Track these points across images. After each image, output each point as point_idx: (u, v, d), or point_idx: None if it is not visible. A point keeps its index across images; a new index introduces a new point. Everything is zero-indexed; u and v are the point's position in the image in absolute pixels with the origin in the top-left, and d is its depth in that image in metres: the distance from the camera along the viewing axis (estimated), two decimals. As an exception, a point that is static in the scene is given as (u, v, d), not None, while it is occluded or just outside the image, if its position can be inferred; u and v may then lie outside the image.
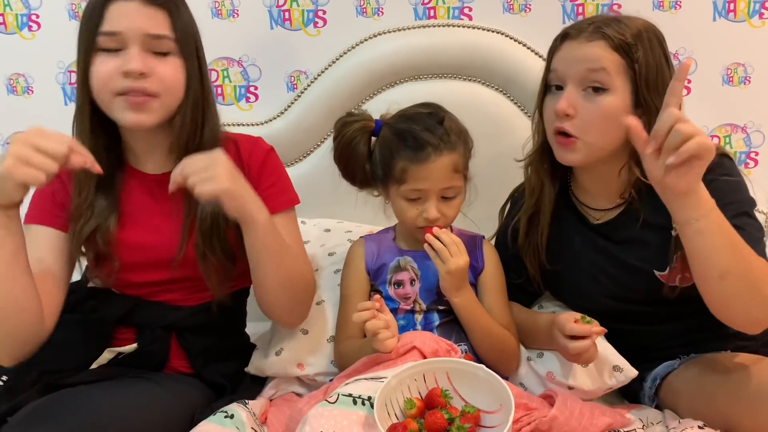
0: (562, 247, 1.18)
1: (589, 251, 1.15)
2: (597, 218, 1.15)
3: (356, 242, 1.25)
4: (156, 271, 1.09)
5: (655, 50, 1.04)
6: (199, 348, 1.12)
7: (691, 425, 0.98)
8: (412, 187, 1.10)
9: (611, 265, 1.13)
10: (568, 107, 1.04)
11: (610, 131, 1.04)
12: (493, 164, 1.45)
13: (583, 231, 1.16)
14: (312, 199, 1.52)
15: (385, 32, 1.49)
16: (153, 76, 1.01)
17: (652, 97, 1.02)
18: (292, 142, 1.53)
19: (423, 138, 1.09)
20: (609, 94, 1.02)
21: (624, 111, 1.02)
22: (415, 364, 0.94)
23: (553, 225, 1.18)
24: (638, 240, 1.10)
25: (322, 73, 1.51)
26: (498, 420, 0.89)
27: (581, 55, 1.03)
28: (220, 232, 1.07)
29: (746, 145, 1.62)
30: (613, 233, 1.13)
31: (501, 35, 1.49)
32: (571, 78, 1.04)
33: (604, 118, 1.03)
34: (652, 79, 1.02)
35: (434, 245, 1.07)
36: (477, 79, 1.50)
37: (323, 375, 1.19)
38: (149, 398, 0.99)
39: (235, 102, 1.58)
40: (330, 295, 1.27)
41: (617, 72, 1.02)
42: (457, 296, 1.10)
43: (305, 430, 0.86)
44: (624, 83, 1.02)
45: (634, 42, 1.02)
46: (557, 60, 1.07)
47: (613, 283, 1.13)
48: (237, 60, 1.55)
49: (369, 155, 1.17)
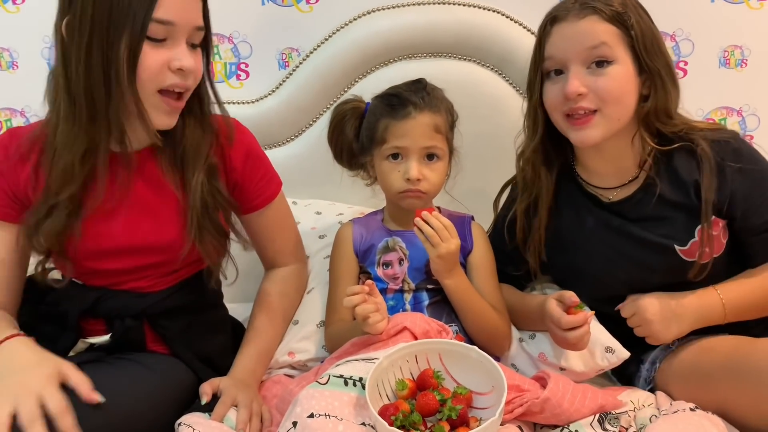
0: (572, 235, 1.16)
1: (603, 232, 1.13)
2: (609, 197, 1.13)
3: (344, 225, 1.25)
4: (129, 258, 1.04)
5: (642, 14, 1.04)
6: (175, 331, 1.08)
7: (682, 407, 0.99)
8: (393, 144, 1.11)
9: (629, 243, 1.10)
10: (580, 87, 1.03)
11: (624, 99, 1.04)
12: (488, 144, 1.46)
13: (596, 212, 1.14)
14: (304, 179, 1.51)
15: (380, 9, 1.47)
16: (194, 73, 0.96)
17: (653, 60, 1.03)
18: (283, 120, 1.51)
19: (405, 96, 1.13)
20: (615, 65, 1.03)
21: (632, 77, 1.03)
22: (406, 345, 0.94)
23: (558, 214, 1.17)
24: (657, 216, 1.08)
25: (315, 50, 1.49)
26: (490, 401, 0.89)
27: (577, 34, 1.02)
28: (209, 211, 1.04)
29: (741, 128, 1.61)
30: (628, 211, 1.11)
31: (497, 14, 1.47)
32: (573, 59, 1.03)
33: (617, 87, 1.03)
34: (648, 43, 1.03)
35: (424, 230, 1.07)
36: (472, 58, 1.48)
37: (314, 361, 1.18)
38: (135, 381, 0.97)
39: (225, 79, 1.55)
40: (319, 282, 1.26)
41: (617, 42, 1.02)
42: (448, 278, 1.10)
43: (296, 412, 0.86)
44: (625, 52, 1.03)
45: (624, 10, 1.02)
46: (551, 46, 1.06)
47: (631, 263, 1.10)
48: (227, 36, 1.52)
49: (357, 135, 1.19)
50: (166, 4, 0.90)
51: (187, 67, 0.94)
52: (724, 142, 1.05)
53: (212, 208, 1.04)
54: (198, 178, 1.02)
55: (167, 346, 1.08)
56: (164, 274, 1.07)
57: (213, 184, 1.05)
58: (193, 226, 1.02)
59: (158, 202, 1.05)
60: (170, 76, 0.94)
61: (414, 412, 0.86)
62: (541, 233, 1.17)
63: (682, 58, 1.54)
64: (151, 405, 0.96)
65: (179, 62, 0.93)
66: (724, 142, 1.05)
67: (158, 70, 0.92)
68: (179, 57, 0.93)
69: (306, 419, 0.84)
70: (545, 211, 1.16)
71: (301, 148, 1.52)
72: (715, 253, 1.07)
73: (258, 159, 1.14)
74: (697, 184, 1.05)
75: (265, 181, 1.15)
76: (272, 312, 1.18)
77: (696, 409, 0.97)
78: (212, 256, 1.06)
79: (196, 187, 1.02)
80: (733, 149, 1.05)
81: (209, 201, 1.04)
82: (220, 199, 1.06)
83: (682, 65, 1.55)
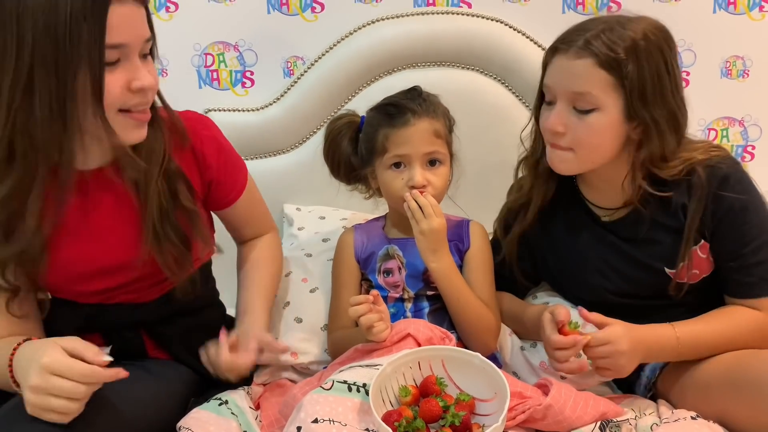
0: (567, 242, 1.17)
1: (597, 246, 1.14)
2: (604, 216, 1.14)
3: (346, 231, 1.25)
4: (108, 279, 1.00)
5: (653, 60, 0.99)
6: (174, 337, 1.08)
7: (684, 415, 0.99)
8: (394, 152, 1.11)
9: (620, 260, 1.12)
10: (557, 125, 1.03)
11: (601, 146, 1.03)
12: (491, 153, 1.46)
13: (592, 227, 1.15)
14: (307, 186, 1.52)
15: (384, 19, 1.48)
16: (154, 88, 0.91)
17: (648, 109, 1.00)
18: (288, 128, 1.52)
19: (402, 104, 1.13)
20: (598, 113, 1.01)
21: (615, 125, 1.01)
22: (410, 352, 0.94)
23: (555, 222, 1.17)
24: (648, 239, 1.09)
25: (319, 59, 1.50)
26: (493, 408, 0.90)
27: (568, 75, 1.01)
28: (170, 217, 0.98)
29: (743, 138, 1.62)
30: (622, 231, 1.12)
31: (501, 24, 1.48)
32: (560, 96, 1.03)
33: (594, 135, 1.02)
34: (648, 92, 0.99)
35: (410, 205, 1.08)
36: (475, 67, 1.49)
37: (317, 364, 1.19)
38: (139, 387, 0.97)
39: (230, 87, 1.56)
40: (322, 284, 1.26)
41: (605, 89, 0.99)
42: (433, 260, 1.10)
43: (300, 417, 0.86)
44: (614, 99, 1.00)
45: (625, 57, 0.98)
46: (548, 75, 1.06)
47: (621, 279, 1.12)
48: (233, 45, 1.53)
49: (355, 149, 1.19)
50: (116, 28, 0.83)
51: (147, 86, 0.88)
52: (717, 167, 1.04)
53: (172, 214, 0.99)
54: (153, 184, 0.96)
55: (168, 352, 1.08)
56: (152, 285, 1.04)
57: (174, 189, 0.99)
58: (149, 235, 0.97)
59: (121, 218, 0.99)
60: (131, 97, 0.88)
61: (417, 418, 0.87)
62: (519, 233, 1.18)
63: (684, 69, 1.55)
64: (157, 408, 0.97)
65: (139, 83, 0.87)
66: (717, 167, 1.04)
67: (119, 93, 0.87)
68: (138, 77, 0.87)
69: (310, 424, 0.84)
70: (532, 215, 1.17)
71: (305, 156, 1.53)
72: (704, 274, 1.08)
73: (228, 150, 1.10)
74: (685, 207, 1.05)
75: (236, 170, 1.12)
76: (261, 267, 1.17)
77: (697, 418, 0.98)
78: (171, 267, 1.00)
79: (153, 194, 0.96)
80: (722, 176, 1.03)
81: (168, 207, 0.98)
82: (187, 203, 1.00)
83: (684, 75, 1.56)
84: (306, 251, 1.35)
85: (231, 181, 1.10)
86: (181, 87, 1.52)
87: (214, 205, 1.12)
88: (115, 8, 0.83)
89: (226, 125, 1.46)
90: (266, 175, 1.48)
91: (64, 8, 0.80)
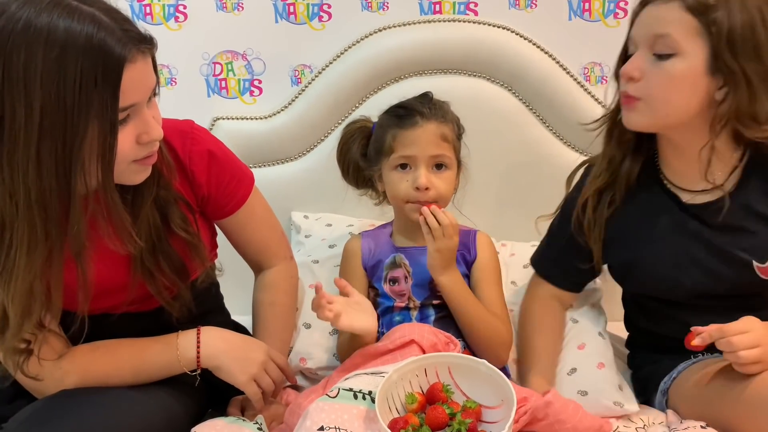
0: (641, 232, 1.09)
1: (676, 235, 1.05)
2: (690, 199, 1.05)
3: (353, 238, 1.25)
4: (103, 300, 0.96)
5: (747, 11, 0.93)
6: None
7: (693, 425, 0.98)
8: (400, 153, 1.12)
9: (704, 251, 1.03)
10: (632, 70, 0.98)
11: (675, 98, 0.97)
12: (498, 160, 1.46)
13: (673, 211, 1.06)
14: (315, 194, 1.52)
15: (390, 27, 1.49)
16: (161, 135, 0.88)
17: (738, 61, 0.92)
18: (295, 136, 1.52)
19: (411, 106, 1.14)
20: (676, 59, 0.95)
21: (695, 76, 0.95)
22: (416, 359, 0.94)
23: (630, 205, 1.10)
24: (740, 227, 1.00)
25: (327, 67, 1.51)
26: (499, 415, 0.89)
27: (653, 18, 0.97)
28: (163, 246, 0.95)
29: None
30: (709, 217, 1.02)
31: (507, 31, 1.48)
32: (641, 42, 0.99)
33: (668, 83, 0.96)
34: (738, 42, 0.92)
35: (430, 222, 1.08)
36: (482, 74, 1.49)
37: (325, 369, 1.19)
38: (150, 396, 0.96)
39: (239, 95, 1.57)
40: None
41: (687, 34, 0.94)
42: (443, 275, 1.10)
43: (306, 425, 0.86)
44: (697, 46, 0.94)
45: (715, 2, 0.92)
46: (634, 27, 1.02)
47: (699, 272, 1.03)
48: (241, 53, 1.54)
49: (365, 152, 1.21)
50: (127, 90, 0.79)
51: (156, 137, 0.86)
52: None
53: (165, 242, 0.96)
54: (144, 211, 0.93)
55: None
56: (151, 296, 1.00)
57: (166, 216, 0.96)
58: (138, 267, 0.94)
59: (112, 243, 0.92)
60: (141, 150, 0.86)
61: (423, 425, 0.86)
62: (607, 215, 1.10)
63: None
64: (166, 417, 0.96)
65: (148, 136, 0.85)
66: None
67: (129, 149, 0.84)
68: (147, 131, 0.85)
69: (316, 432, 0.84)
70: (622, 192, 1.09)
71: (313, 164, 1.53)
72: None
73: (222, 163, 1.05)
74: None
75: (234, 184, 1.07)
76: (268, 323, 1.16)
77: (706, 428, 0.97)
78: (163, 294, 0.97)
79: (141, 223, 0.92)
80: None
81: (162, 236, 0.95)
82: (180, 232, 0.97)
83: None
84: (313, 257, 1.36)
85: (228, 193, 1.07)
86: (190, 96, 1.53)
87: (212, 215, 1.09)
88: (127, 70, 0.79)
89: (234, 133, 1.49)
90: (274, 183, 1.49)
91: (73, 74, 0.75)
